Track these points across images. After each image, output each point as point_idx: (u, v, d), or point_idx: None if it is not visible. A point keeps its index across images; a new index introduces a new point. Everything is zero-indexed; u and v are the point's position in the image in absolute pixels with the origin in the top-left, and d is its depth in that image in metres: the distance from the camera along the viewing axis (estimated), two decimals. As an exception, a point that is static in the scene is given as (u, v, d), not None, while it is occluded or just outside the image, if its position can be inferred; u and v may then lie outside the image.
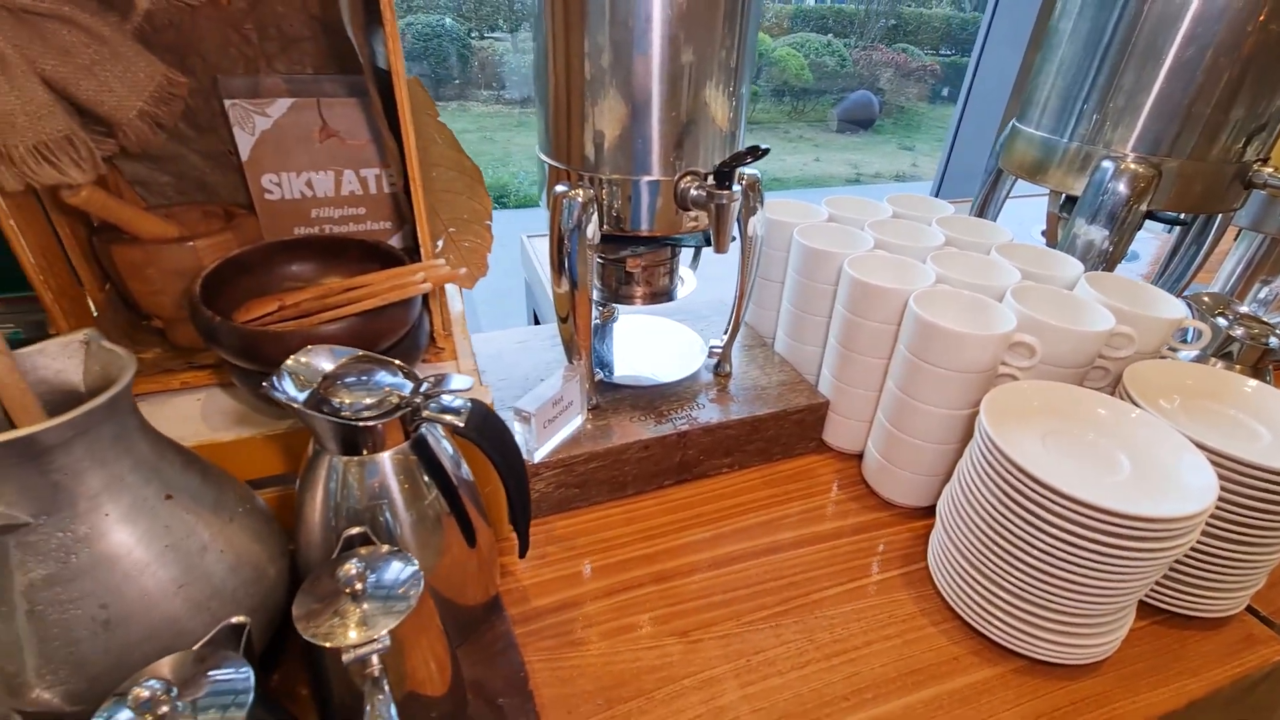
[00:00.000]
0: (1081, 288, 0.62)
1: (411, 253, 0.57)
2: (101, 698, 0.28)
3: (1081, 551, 0.45)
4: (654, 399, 0.69)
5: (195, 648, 0.31)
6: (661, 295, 0.68)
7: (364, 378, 0.41)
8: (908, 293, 0.59)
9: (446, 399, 0.41)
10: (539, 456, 0.60)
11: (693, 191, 0.55)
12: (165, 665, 0.31)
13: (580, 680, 0.49)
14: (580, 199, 0.55)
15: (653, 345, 0.77)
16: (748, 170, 0.60)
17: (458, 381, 0.41)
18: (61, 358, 0.37)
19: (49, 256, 0.48)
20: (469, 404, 0.41)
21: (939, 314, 0.56)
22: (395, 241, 0.62)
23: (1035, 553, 0.47)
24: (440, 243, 0.61)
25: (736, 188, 0.54)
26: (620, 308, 0.79)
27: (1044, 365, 0.57)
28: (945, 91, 8.03)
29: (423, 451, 0.42)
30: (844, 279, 0.64)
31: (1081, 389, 0.55)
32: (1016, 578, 0.48)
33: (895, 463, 0.63)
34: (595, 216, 0.57)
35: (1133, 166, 0.73)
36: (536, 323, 1.29)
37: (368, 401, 0.40)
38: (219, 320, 0.44)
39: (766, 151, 0.50)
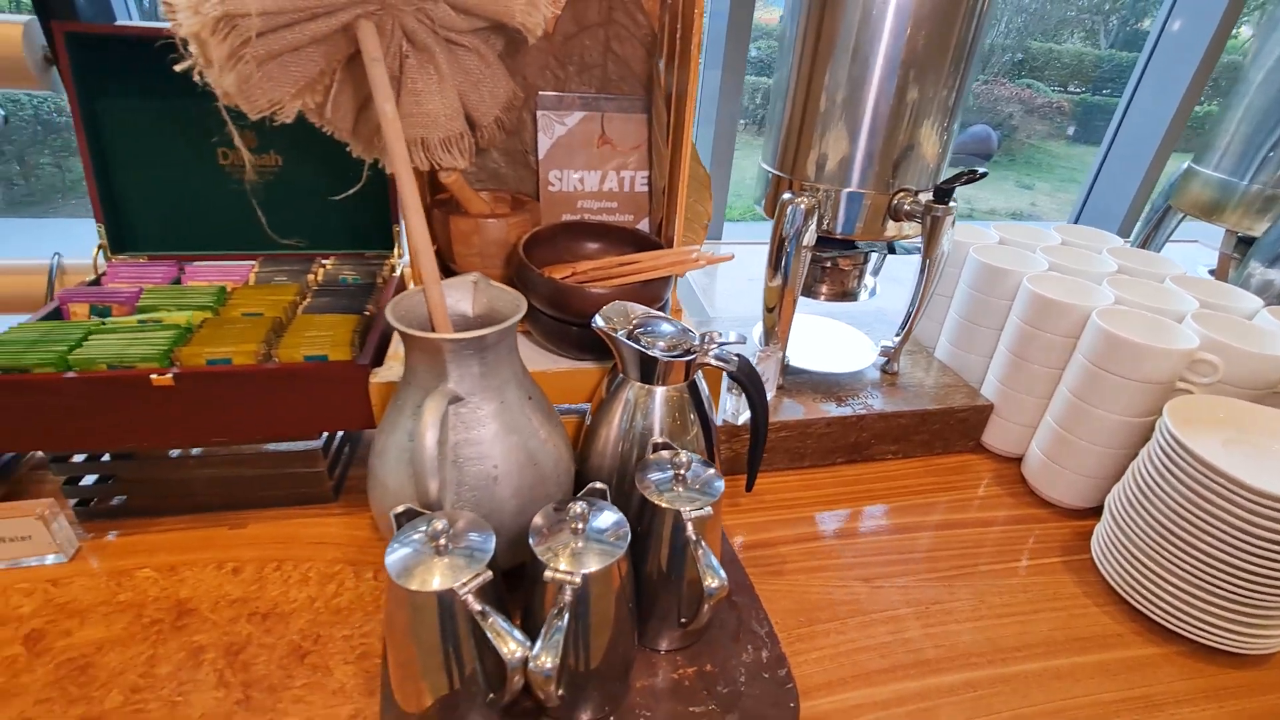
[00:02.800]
0: (1262, 318, 0.67)
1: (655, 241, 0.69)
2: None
3: (1260, 543, 0.50)
4: (830, 386, 0.78)
5: (578, 497, 0.43)
6: (848, 296, 0.77)
7: (659, 326, 0.53)
8: (1089, 309, 0.66)
9: (723, 349, 0.52)
10: (741, 420, 0.70)
11: (906, 206, 0.65)
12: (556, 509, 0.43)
13: (783, 600, 0.58)
14: (803, 206, 0.66)
15: (827, 340, 0.87)
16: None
17: (730, 336, 0.53)
18: (457, 292, 0.52)
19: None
20: (738, 355, 0.52)
21: (1120, 330, 0.62)
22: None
23: (1214, 544, 0.52)
24: (673, 235, 0.73)
25: (953, 204, 0.63)
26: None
27: (1223, 384, 0.62)
28: (1071, 130, 7.67)
29: (694, 392, 0.54)
30: (1023, 294, 0.71)
31: (1265, 407, 0.59)
32: (1194, 567, 0.54)
33: (1061, 463, 0.69)
34: (814, 222, 0.67)
35: (1319, 212, 0.76)
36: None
37: (662, 345, 0.52)
38: (545, 275, 0.57)
39: (985, 175, 0.59)
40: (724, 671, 0.48)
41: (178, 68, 0.47)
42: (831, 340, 0.87)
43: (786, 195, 0.67)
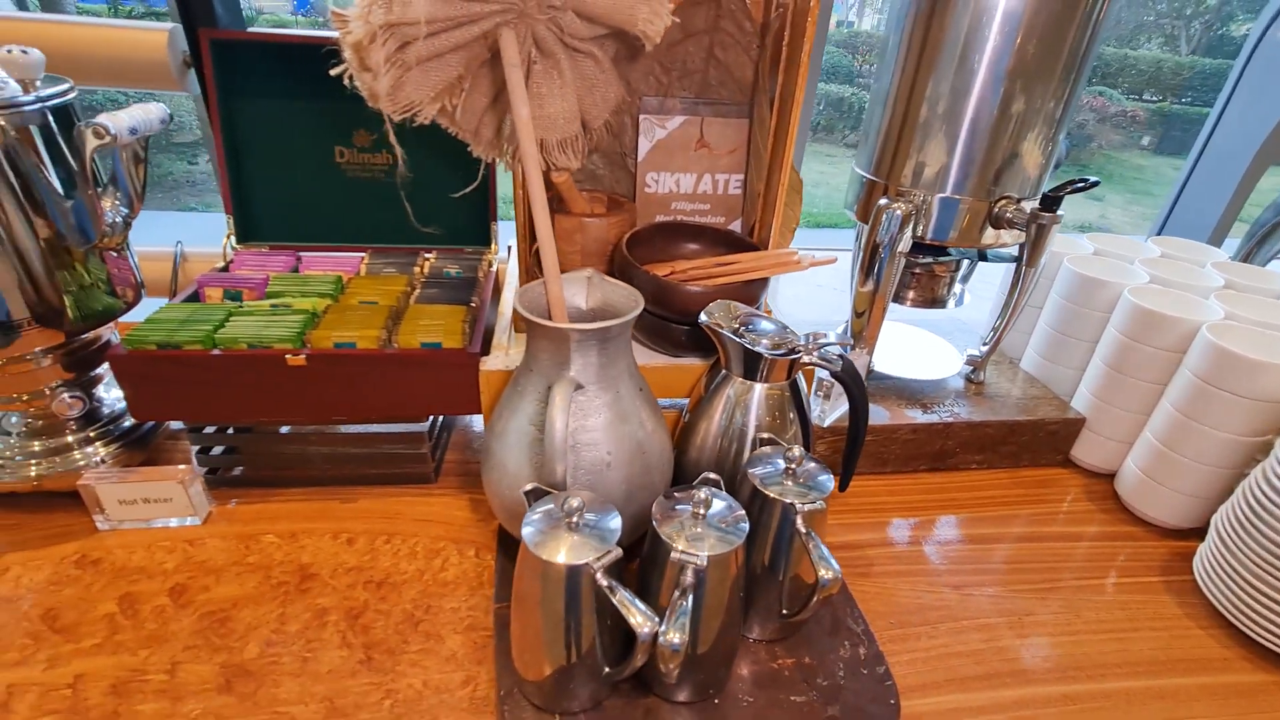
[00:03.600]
0: (1390, 339, 0.64)
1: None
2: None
3: (1392, 570, 0.48)
4: (914, 393, 0.78)
5: (696, 484, 0.45)
6: (937, 303, 0.77)
7: (761, 325, 0.54)
8: (1196, 323, 0.64)
9: (827, 349, 0.53)
10: (827, 422, 0.71)
11: (1009, 213, 0.64)
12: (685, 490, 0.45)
13: (872, 602, 0.59)
14: (900, 211, 0.66)
15: (910, 346, 0.87)
16: (1047, 200, 0.68)
17: (832, 337, 0.54)
18: (572, 286, 0.54)
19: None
20: (841, 356, 0.53)
21: (1233, 345, 0.60)
22: (723, 233, 0.77)
23: (1336, 567, 0.50)
24: (763, 238, 0.75)
25: (1060, 213, 0.62)
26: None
27: (1345, 406, 0.59)
28: (1145, 140, 7.32)
29: (795, 391, 0.55)
30: (1123, 306, 0.70)
31: (1391, 431, 0.57)
32: (1309, 590, 0.52)
33: (1161, 481, 0.67)
34: (910, 229, 0.67)
35: None
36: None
37: (766, 342, 0.53)
38: (650, 273, 0.59)
39: (1097, 183, 0.58)
40: (822, 665, 0.49)
41: (333, 71, 0.51)
42: (914, 346, 0.87)
43: (883, 201, 0.67)
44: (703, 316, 0.54)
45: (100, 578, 0.56)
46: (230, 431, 0.64)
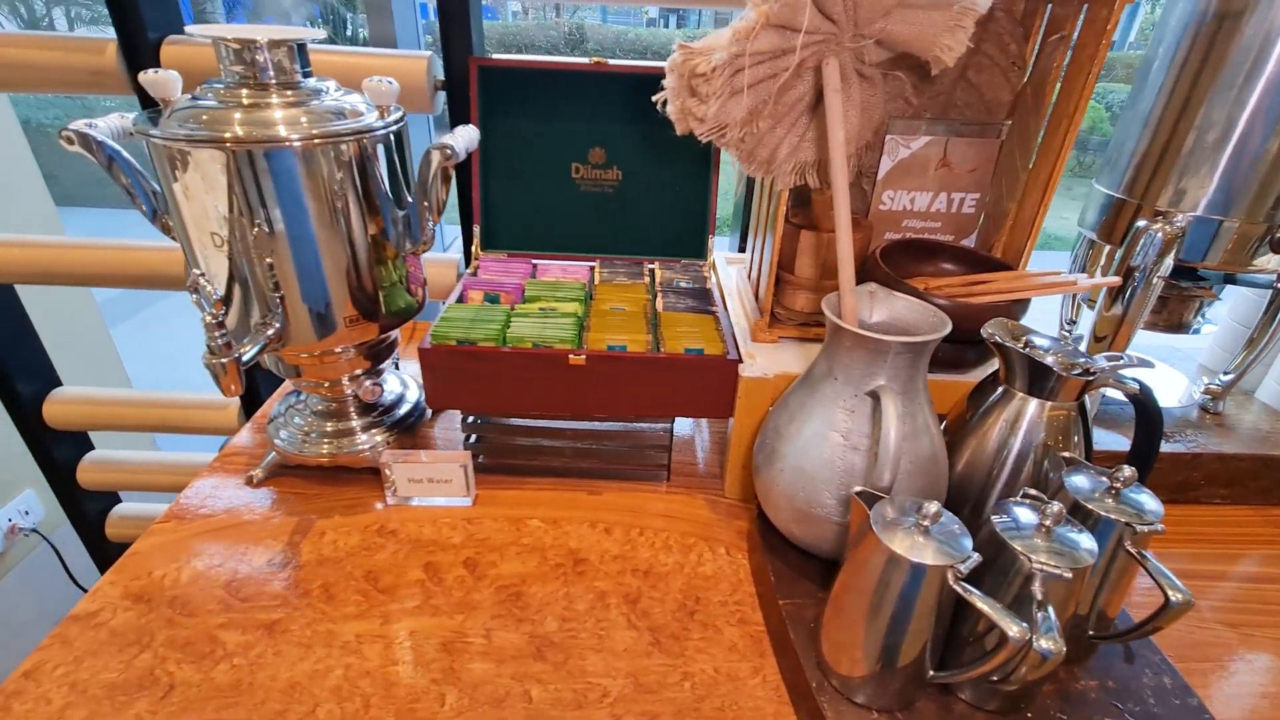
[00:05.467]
0: None
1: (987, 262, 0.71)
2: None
3: None
4: (1148, 421, 0.75)
5: (1025, 497, 0.46)
6: (1181, 328, 0.74)
7: (1043, 343, 0.54)
8: None
9: (1125, 372, 0.53)
10: (1066, 445, 0.70)
11: (1294, 237, 0.62)
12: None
13: (1143, 633, 0.57)
14: (1161, 235, 0.65)
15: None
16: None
17: (1131, 358, 0.53)
18: (857, 297, 0.56)
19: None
20: (1137, 380, 0.52)
21: None
22: (950, 251, 0.77)
23: None
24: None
25: (1368, 238, 0.59)
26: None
27: None
28: None
29: (1082, 412, 0.55)
30: None
31: None
32: None
33: None
34: (1171, 254, 0.66)
35: None
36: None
37: (1056, 360, 0.53)
38: (916, 288, 0.61)
39: None
40: (1127, 690, 0.48)
41: (655, 98, 0.56)
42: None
43: (1142, 222, 0.66)
44: (986, 331, 0.55)
45: (402, 547, 0.63)
46: (493, 422, 0.70)
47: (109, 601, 0.56)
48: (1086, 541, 0.42)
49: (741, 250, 1.04)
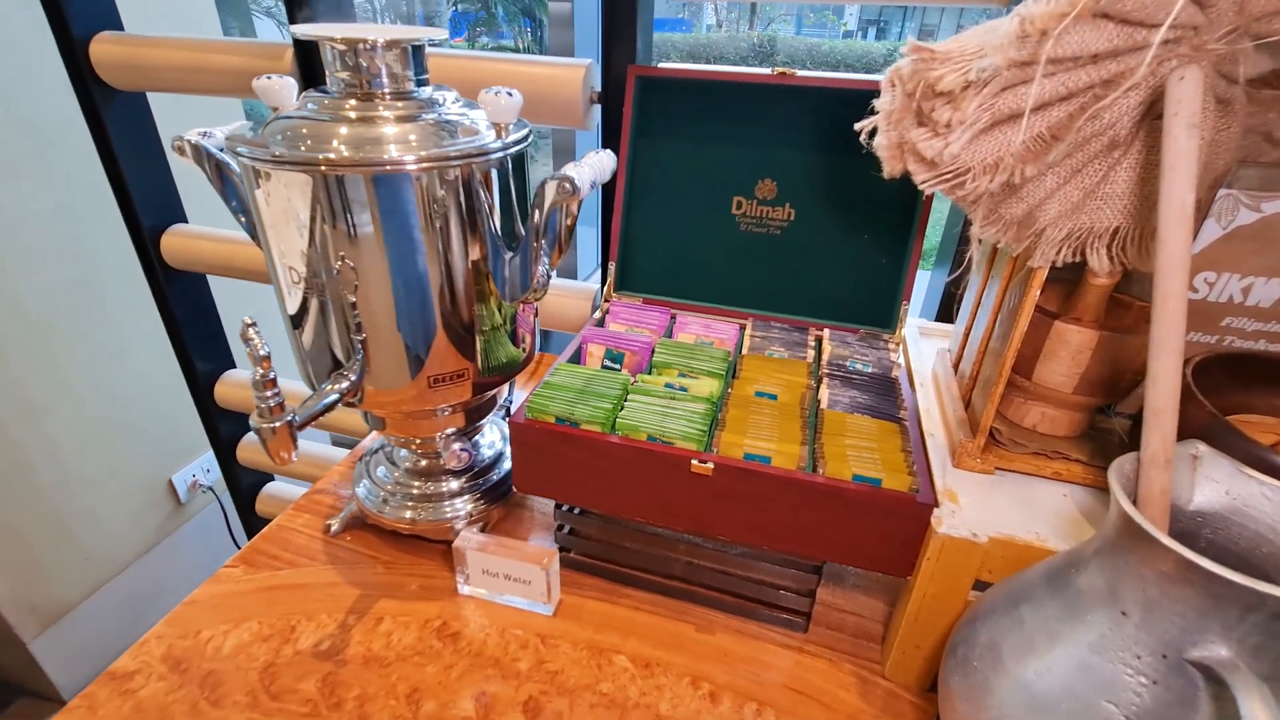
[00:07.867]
0: None
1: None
2: None
3: None
4: None
5: None
6: None
7: None
8: None
9: None
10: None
11: None
12: None
13: None
14: None
15: None
16: None
17: None
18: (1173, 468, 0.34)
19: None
20: None
21: None
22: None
23: None
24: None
25: None
26: None
27: None
28: None
29: None
30: None
31: None
32: None
33: None
34: None
35: None
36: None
37: None
38: (1261, 445, 0.36)
39: None
40: None
41: (859, 126, 0.38)
42: None
43: None
44: None
45: (460, 659, 0.51)
46: (593, 514, 0.56)
47: (148, 663, 0.50)
48: None
49: (945, 316, 0.81)
